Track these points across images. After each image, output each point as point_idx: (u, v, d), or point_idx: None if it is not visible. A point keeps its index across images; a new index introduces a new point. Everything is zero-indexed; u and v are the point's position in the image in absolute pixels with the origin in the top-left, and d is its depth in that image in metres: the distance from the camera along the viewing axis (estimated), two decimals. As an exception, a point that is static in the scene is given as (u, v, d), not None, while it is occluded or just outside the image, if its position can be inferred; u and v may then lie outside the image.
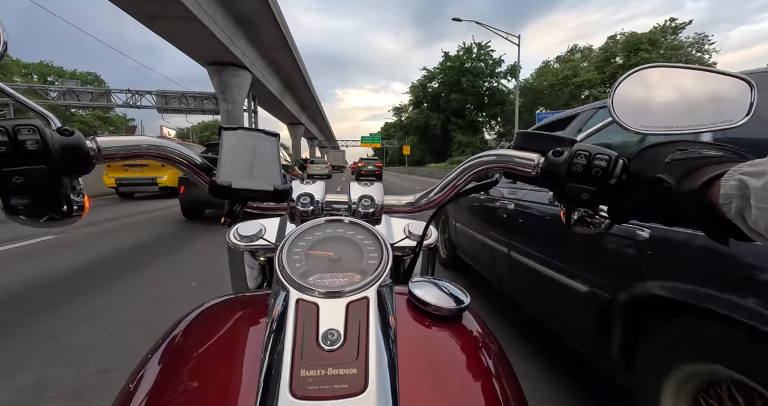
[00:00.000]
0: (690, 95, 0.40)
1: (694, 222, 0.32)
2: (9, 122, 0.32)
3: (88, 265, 3.63)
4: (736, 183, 0.27)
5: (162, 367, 0.36)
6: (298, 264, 0.36)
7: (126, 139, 0.42)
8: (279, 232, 0.58)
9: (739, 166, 0.28)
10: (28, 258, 3.89)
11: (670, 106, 0.41)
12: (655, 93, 0.41)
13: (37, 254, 4.10)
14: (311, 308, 0.31)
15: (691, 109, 0.40)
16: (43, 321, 2.36)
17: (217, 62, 21.82)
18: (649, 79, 0.42)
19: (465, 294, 0.40)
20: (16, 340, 2.11)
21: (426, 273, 0.63)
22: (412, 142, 50.96)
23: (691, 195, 0.31)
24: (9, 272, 3.36)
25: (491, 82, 40.57)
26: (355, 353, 0.28)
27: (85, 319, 2.38)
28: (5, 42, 0.35)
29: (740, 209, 0.27)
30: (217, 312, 0.43)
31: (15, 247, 4.34)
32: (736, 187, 0.27)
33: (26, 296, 2.80)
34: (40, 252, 4.17)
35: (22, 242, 4.53)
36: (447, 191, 0.50)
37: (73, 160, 0.36)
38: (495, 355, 0.39)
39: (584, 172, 0.38)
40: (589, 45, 39.11)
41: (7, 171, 0.32)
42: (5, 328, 2.25)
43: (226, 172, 0.42)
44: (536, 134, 0.45)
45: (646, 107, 0.41)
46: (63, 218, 0.38)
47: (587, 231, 0.45)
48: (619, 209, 0.39)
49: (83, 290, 2.89)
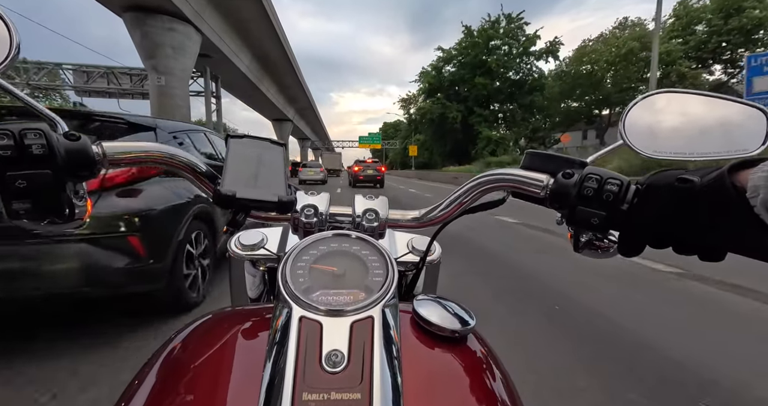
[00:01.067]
0: (703, 122, 0.41)
1: (714, 235, 0.32)
2: (16, 126, 0.33)
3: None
4: (766, 174, 0.28)
5: (156, 383, 0.35)
6: (301, 279, 0.34)
7: (132, 145, 0.42)
8: (281, 242, 0.58)
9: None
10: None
11: (683, 132, 0.41)
12: (667, 118, 0.42)
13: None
14: (314, 327, 0.30)
15: (704, 135, 0.40)
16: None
17: (137, 6, 13.49)
18: (661, 105, 0.43)
19: (470, 315, 0.39)
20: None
21: (429, 290, 0.62)
22: (420, 140, 42.53)
23: (718, 183, 0.30)
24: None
25: (524, 65, 32.27)
26: (359, 376, 0.28)
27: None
28: (18, 44, 0.36)
29: (767, 201, 0.27)
30: (216, 326, 0.42)
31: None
32: (765, 178, 0.28)
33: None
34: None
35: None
36: (453, 208, 0.50)
37: (78, 165, 0.37)
38: (500, 379, 0.38)
39: (595, 196, 0.38)
40: (642, 18, 31.61)
41: (10, 175, 0.33)
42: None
43: (231, 181, 0.42)
44: (546, 155, 0.45)
45: (658, 132, 0.42)
46: (65, 222, 0.39)
47: (595, 256, 0.45)
48: (632, 235, 0.37)
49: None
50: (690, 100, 0.42)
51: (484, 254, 4.09)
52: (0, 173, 0.33)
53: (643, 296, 2.73)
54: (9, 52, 0.36)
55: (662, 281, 3.06)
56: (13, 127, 0.33)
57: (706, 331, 2.16)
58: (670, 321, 2.28)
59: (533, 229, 5.67)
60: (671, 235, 0.35)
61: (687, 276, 3.13)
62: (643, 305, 2.56)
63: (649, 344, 1.98)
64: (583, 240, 0.44)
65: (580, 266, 3.38)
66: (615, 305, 2.55)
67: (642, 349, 1.93)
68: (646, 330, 2.15)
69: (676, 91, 0.43)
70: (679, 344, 1.98)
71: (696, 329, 2.19)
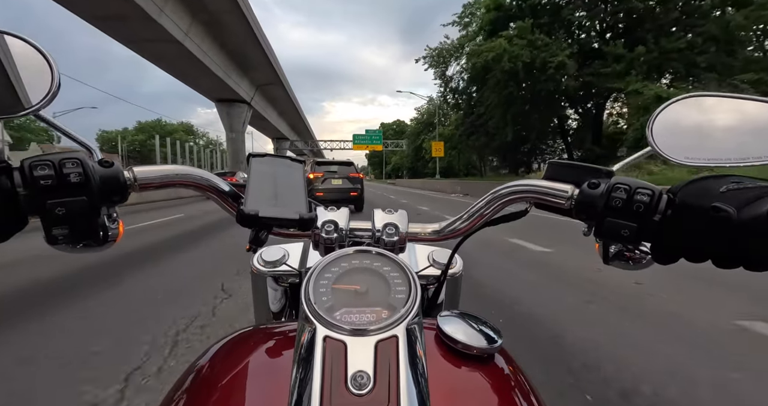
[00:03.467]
0: (737, 125, 0.39)
1: (758, 258, 0.31)
2: (56, 156, 0.35)
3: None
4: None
5: (188, 402, 0.36)
6: (324, 298, 0.35)
7: (160, 168, 0.44)
8: (302, 257, 0.59)
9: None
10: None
11: (718, 137, 0.40)
12: (701, 123, 0.41)
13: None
14: (339, 347, 0.30)
15: (742, 140, 0.39)
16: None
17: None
18: (695, 108, 0.41)
19: (497, 332, 0.39)
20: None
21: (451, 304, 0.62)
22: (449, 132, 26.56)
23: (756, 223, 0.30)
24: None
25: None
26: (386, 398, 0.27)
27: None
28: (59, 80, 0.38)
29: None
30: (242, 346, 0.43)
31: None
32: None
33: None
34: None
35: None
36: (474, 220, 0.50)
37: (111, 190, 0.39)
38: (531, 399, 0.38)
39: (624, 207, 0.37)
40: None
41: (51, 203, 0.35)
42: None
43: (254, 200, 0.43)
44: (569, 164, 0.44)
45: (690, 138, 0.40)
46: (99, 245, 0.41)
47: (626, 267, 0.44)
48: (665, 247, 0.37)
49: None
50: (725, 103, 0.40)
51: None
52: (41, 201, 0.35)
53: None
54: (51, 86, 0.38)
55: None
56: (53, 158, 0.35)
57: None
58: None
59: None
60: (709, 252, 0.34)
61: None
62: None
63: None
64: (613, 251, 0.43)
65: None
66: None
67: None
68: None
69: (708, 95, 0.41)
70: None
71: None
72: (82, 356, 2.08)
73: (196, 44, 19.47)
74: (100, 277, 3.66)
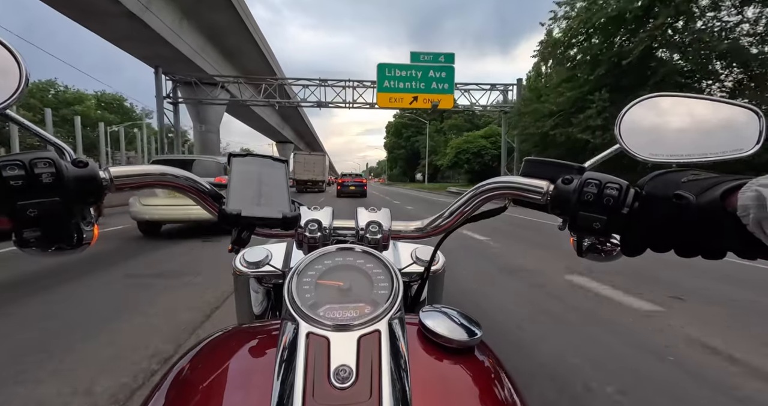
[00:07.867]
0: (699, 124, 0.41)
1: (714, 242, 0.33)
2: (26, 156, 0.33)
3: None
4: (754, 194, 0.29)
5: (168, 403, 0.35)
6: (307, 295, 0.35)
7: (137, 168, 0.43)
8: (285, 258, 0.58)
9: (756, 179, 0.30)
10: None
11: (679, 135, 0.41)
12: (663, 121, 0.42)
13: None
14: (322, 342, 0.30)
15: (700, 137, 0.41)
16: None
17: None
18: (657, 108, 0.43)
19: (477, 325, 0.39)
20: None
21: (434, 299, 0.63)
22: (556, 89, 15.80)
23: (712, 206, 0.32)
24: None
25: None
26: (368, 391, 0.28)
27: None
28: (27, 76, 0.36)
29: (758, 220, 0.28)
30: (224, 345, 0.42)
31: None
32: (753, 197, 0.28)
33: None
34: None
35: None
36: (455, 217, 0.50)
37: (86, 191, 0.37)
38: (509, 390, 0.38)
39: (595, 201, 0.38)
40: None
41: (22, 204, 0.33)
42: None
43: (235, 199, 0.42)
44: (544, 161, 0.45)
45: (654, 135, 0.42)
46: (72, 248, 0.39)
47: (599, 259, 0.45)
48: (632, 237, 0.38)
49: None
50: (684, 102, 0.42)
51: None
52: (11, 203, 0.33)
53: None
54: (18, 84, 0.36)
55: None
56: (23, 157, 0.33)
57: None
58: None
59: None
60: (672, 241, 0.36)
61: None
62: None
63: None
64: (586, 245, 0.45)
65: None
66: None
67: None
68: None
69: (671, 95, 0.43)
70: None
71: None
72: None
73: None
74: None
